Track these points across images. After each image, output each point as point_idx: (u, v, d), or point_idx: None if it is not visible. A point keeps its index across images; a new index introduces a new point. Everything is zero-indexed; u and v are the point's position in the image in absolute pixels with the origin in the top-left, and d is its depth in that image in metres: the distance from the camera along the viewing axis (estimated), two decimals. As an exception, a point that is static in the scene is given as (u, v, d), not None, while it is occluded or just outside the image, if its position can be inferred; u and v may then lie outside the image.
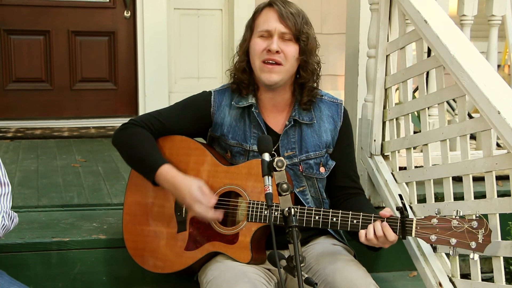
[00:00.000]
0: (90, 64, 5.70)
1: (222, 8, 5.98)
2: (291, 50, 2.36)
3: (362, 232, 2.20)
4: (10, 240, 2.60)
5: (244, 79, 2.45)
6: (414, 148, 2.83)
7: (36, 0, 5.53)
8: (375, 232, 2.17)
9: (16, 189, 3.36)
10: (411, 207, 2.72)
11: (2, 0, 5.44)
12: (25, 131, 5.27)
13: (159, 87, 5.69)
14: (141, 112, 5.58)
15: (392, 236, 2.16)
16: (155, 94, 5.65)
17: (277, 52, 2.33)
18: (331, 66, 5.63)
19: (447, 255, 2.49)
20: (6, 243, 2.58)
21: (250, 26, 2.44)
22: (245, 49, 2.44)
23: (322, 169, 2.47)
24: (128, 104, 5.80)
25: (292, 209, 1.93)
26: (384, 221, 2.18)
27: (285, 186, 1.94)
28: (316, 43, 2.43)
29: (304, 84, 2.44)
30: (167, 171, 2.37)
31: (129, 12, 5.69)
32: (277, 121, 2.48)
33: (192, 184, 2.33)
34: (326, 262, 2.27)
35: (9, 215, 2.19)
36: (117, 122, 5.09)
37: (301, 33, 2.35)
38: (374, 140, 3.02)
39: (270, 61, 2.35)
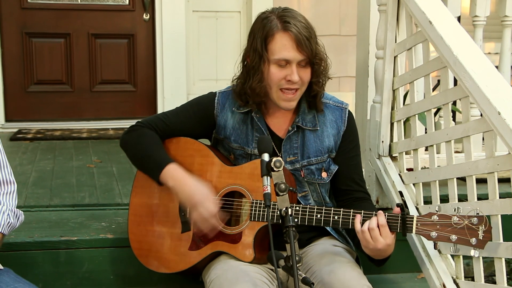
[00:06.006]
0: (109, 66, 5.78)
1: (240, 10, 6.00)
2: (308, 75, 2.36)
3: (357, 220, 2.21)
4: (19, 238, 2.65)
5: (256, 101, 2.42)
6: (426, 149, 2.81)
7: (57, 3, 5.63)
8: (369, 224, 2.17)
9: (30, 189, 3.41)
10: (417, 208, 2.71)
11: (24, 4, 5.54)
12: (45, 132, 5.34)
13: (178, 88, 5.74)
14: (160, 113, 5.64)
15: (388, 234, 2.16)
16: (173, 96, 5.70)
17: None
18: (350, 68, 5.59)
19: (452, 256, 2.48)
20: (15, 242, 2.63)
21: (262, 50, 2.32)
22: (260, 77, 2.35)
23: (324, 174, 2.47)
24: (147, 105, 5.86)
25: (289, 209, 1.95)
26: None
27: (282, 186, 1.96)
28: (326, 60, 2.40)
29: (316, 95, 2.43)
30: (174, 169, 2.40)
31: (148, 14, 5.75)
32: (280, 126, 2.48)
33: (203, 184, 2.36)
34: (323, 263, 2.28)
35: (14, 213, 2.23)
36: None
37: (315, 57, 2.33)
38: (382, 141, 3.01)
39: (290, 89, 2.34)
